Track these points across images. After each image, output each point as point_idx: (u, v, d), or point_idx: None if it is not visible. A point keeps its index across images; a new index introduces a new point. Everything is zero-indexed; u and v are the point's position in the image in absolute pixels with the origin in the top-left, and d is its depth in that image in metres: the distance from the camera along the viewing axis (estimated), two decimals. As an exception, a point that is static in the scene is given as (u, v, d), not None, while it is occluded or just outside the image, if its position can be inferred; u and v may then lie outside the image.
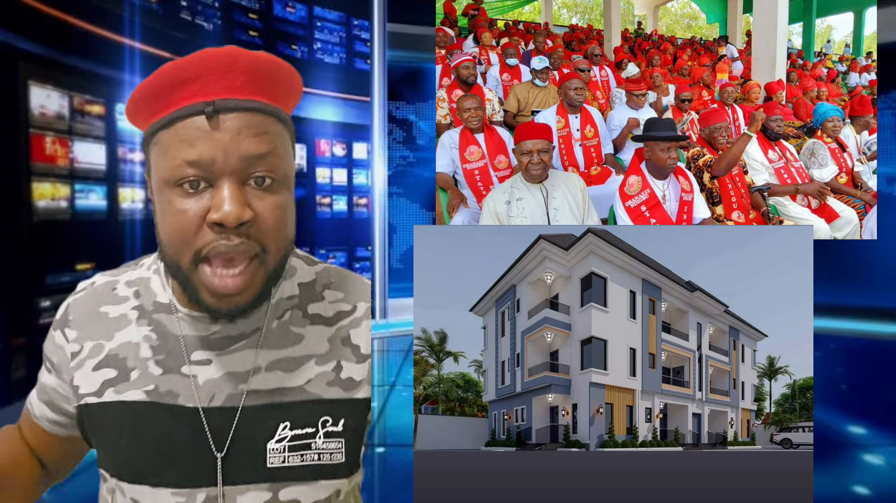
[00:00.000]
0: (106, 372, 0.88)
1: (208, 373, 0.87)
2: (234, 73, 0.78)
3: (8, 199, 3.65)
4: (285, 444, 0.86)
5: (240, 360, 0.88)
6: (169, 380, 0.87)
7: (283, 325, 0.91)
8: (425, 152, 8.72)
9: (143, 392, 0.86)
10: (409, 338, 6.97)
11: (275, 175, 0.79)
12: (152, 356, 0.88)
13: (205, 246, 0.77)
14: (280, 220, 0.80)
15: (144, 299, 0.91)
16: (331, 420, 0.89)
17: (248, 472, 0.85)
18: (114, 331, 0.90)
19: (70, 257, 4.10)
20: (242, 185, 0.77)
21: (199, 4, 5.60)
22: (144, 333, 0.89)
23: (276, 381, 0.88)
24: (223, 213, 0.74)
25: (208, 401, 0.86)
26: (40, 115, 3.84)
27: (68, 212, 4.07)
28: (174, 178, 0.76)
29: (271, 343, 0.89)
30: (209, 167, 0.75)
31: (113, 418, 0.86)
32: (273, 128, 0.80)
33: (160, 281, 0.92)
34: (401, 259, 8.62)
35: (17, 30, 3.70)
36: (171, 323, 0.89)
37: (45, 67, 3.88)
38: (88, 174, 4.24)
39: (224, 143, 0.76)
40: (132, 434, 0.85)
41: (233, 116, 0.77)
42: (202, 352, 0.88)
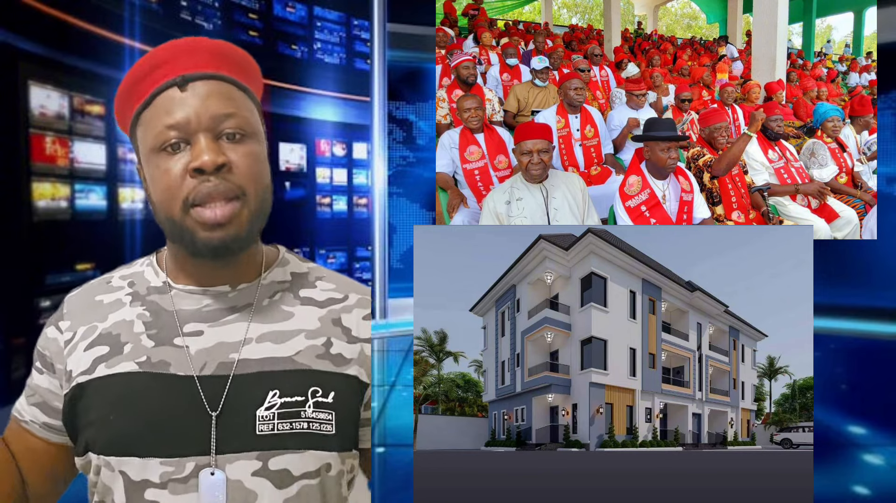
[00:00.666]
0: (98, 349, 0.91)
1: (200, 343, 0.91)
2: (199, 53, 0.89)
3: (8, 199, 3.65)
4: (275, 412, 0.88)
5: (231, 332, 0.92)
6: (161, 351, 0.90)
7: (275, 304, 0.96)
8: (425, 152, 8.71)
9: (134, 363, 0.89)
10: (409, 338, 6.97)
11: (244, 130, 0.89)
12: (145, 331, 0.92)
13: (190, 192, 0.85)
14: (252, 166, 0.89)
15: (138, 287, 0.97)
16: (321, 391, 0.92)
17: (238, 440, 0.87)
18: (107, 313, 0.94)
19: (70, 257, 4.10)
20: (216, 140, 0.87)
21: (199, 4, 5.60)
22: (138, 312, 0.94)
23: (266, 352, 0.91)
24: (201, 160, 0.84)
25: (200, 369, 0.89)
26: (40, 115, 3.84)
27: (68, 212, 4.07)
28: (158, 143, 0.86)
29: (262, 317, 0.94)
30: (185, 127, 0.85)
31: (105, 393, 0.89)
32: (237, 94, 0.91)
33: (153, 270, 0.98)
34: (401, 259, 8.61)
35: (17, 30, 3.69)
36: (165, 300, 0.94)
37: (45, 67, 3.88)
38: (88, 174, 4.24)
39: (195, 106, 0.86)
40: (123, 405, 0.88)
41: (200, 84, 0.88)
42: (195, 324, 0.92)
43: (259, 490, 0.87)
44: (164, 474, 0.86)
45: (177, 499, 0.86)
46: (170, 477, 0.86)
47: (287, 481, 0.89)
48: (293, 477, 0.89)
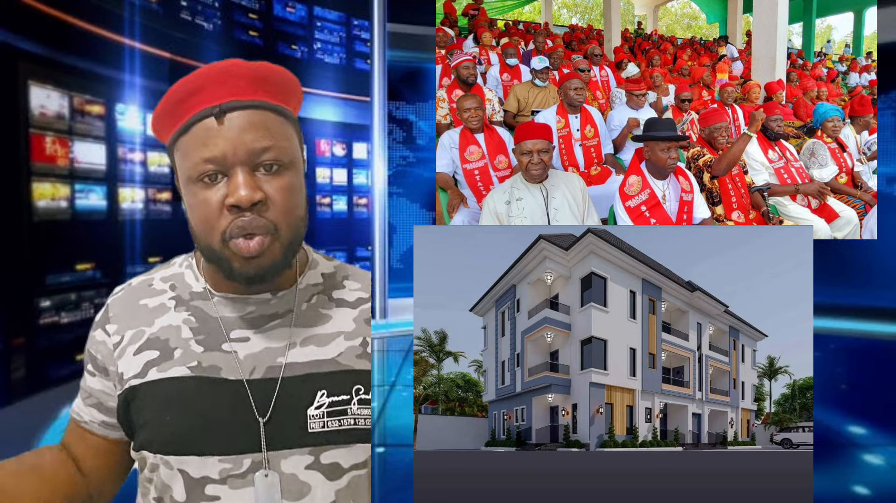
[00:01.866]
0: (148, 354, 0.95)
1: (248, 348, 0.96)
2: (235, 79, 0.90)
3: (8, 199, 3.65)
4: (324, 411, 0.95)
5: (276, 337, 0.97)
6: (211, 356, 0.95)
7: (313, 307, 1.02)
8: (425, 152, 8.71)
9: (186, 368, 0.94)
10: (409, 338, 6.97)
11: (281, 161, 0.90)
12: (193, 336, 0.96)
13: (227, 226, 0.88)
14: (288, 199, 0.91)
15: (181, 290, 1.00)
16: (363, 388, 0.99)
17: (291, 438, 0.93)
18: (154, 318, 0.97)
19: (70, 257, 4.10)
20: (253, 172, 0.88)
21: (199, 4, 5.60)
22: (184, 317, 0.97)
23: (311, 355, 0.98)
24: (237, 196, 0.86)
25: (249, 373, 0.94)
26: (40, 115, 3.84)
27: (68, 212, 4.07)
28: (195, 174, 0.88)
29: (303, 322, 1.00)
30: (222, 161, 0.87)
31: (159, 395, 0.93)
32: (274, 122, 0.91)
33: (193, 274, 1.01)
34: (401, 259, 8.61)
35: (17, 30, 3.69)
36: (209, 307, 0.98)
37: (45, 67, 3.88)
38: (88, 174, 4.24)
39: (232, 139, 0.87)
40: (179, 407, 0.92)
41: (237, 115, 0.88)
42: (240, 330, 0.97)
43: (312, 482, 0.94)
44: (223, 470, 0.91)
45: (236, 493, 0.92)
46: (228, 473, 0.91)
47: (338, 473, 0.96)
48: (343, 469, 0.96)
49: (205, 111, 0.88)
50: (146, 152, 4.87)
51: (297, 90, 0.99)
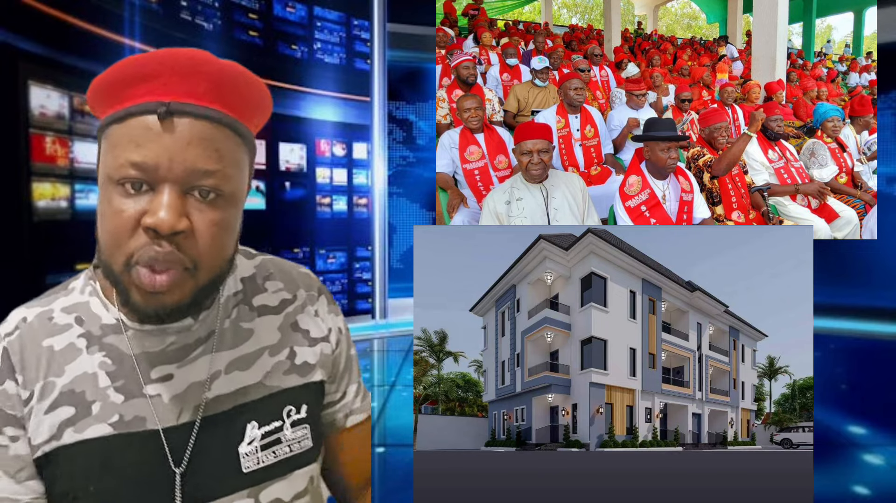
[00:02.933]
0: (62, 411, 0.78)
1: (173, 388, 0.82)
2: (197, 78, 0.74)
3: (8, 199, 3.65)
4: (256, 445, 0.84)
5: (199, 369, 0.83)
6: (133, 405, 0.80)
7: (234, 323, 0.88)
8: (425, 152, 8.71)
9: (107, 425, 0.78)
10: (409, 338, 6.97)
11: (221, 191, 0.75)
12: (111, 384, 0.80)
13: (136, 250, 0.72)
14: (216, 237, 0.75)
15: (89, 324, 0.82)
16: (294, 408, 0.88)
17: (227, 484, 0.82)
18: (63, 365, 0.80)
19: (70, 257, 4.10)
20: (185, 194, 0.73)
21: (199, 4, 5.60)
22: (99, 360, 0.80)
23: (236, 382, 0.85)
24: (157, 219, 0.71)
25: (177, 418, 0.81)
26: (40, 115, 3.84)
27: (68, 212, 4.07)
28: (117, 176, 0.72)
29: (226, 344, 0.86)
30: (152, 171, 0.71)
31: (79, 460, 0.78)
32: (227, 143, 0.76)
33: (99, 301, 0.84)
34: (401, 259, 8.62)
35: (17, 30, 3.69)
36: (123, 343, 0.82)
37: (45, 67, 3.88)
38: (88, 174, 4.24)
39: (171, 150, 0.71)
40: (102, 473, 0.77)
41: (186, 122, 0.72)
42: (162, 366, 0.82)
43: None
44: None
45: None
46: None
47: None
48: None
49: (149, 105, 0.72)
50: (146, 152, 4.87)
51: (267, 106, 0.84)
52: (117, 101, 0.75)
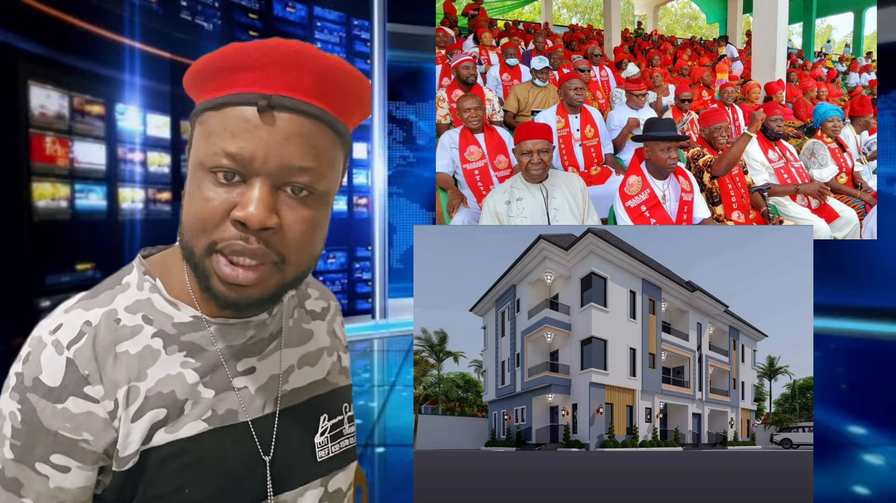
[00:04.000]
0: (151, 415, 0.75)
1: (257, 380, 0.83)
2: (301, 72, 0.72)
3: (8, 199, 3.65)
4: (328, 436, 0.89)
5: (275, 362, 0.86)
6: (224, 399, 0.79)
7: (297, 323, 0.92)
8: (425, 152, 8.72)
9: (201, 421, 0.77)
10: (409, 338, 6.97)
11: (314, 189, 0.74)
12: (199, 380, 0.78)
13: (221, 240, 0.71)
14: (306, 234, 0.74)
15: (160, 324, 0.79)
16: (348, 405, 0.94)
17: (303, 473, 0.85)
18: (144, 369, 0.76)
19: (70, 257, 4.10)
20: (277, 189, 0.72)
21: (199, 4, 5.60)
22: (181, 359, 0.78)
23: (308, 376, 0.90)
24: (248, 213, 0.69)
25: (261, 409, 0.83)
26: (40, 115, 3.84)
27: (68, 212, 4.07)
28: (210, 164, 0.71)
29: (293, 341, 0.90)
30: (247, 163, 0.70)
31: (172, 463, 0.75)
32: (325, 140, 0.74)
33: (164, 301, 0.80)
34: (401, 259, 8.62)
35: (17, 30, 3.70)
36: (205, 339, 0.80)
37: (45, 67, 3.88)
38: (88, 174, 4.24)
39: (268, 143, 0.70)
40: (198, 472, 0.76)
41: (286, 117, 0.71)
42: (246, 359, 0.83)
43: None
44: None
45: None
46: None
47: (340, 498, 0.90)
48: (343, 493, 0.91)
49: (250, 96, 0.71)
50: (146, 152, 4.88)
51: (367, 104, 0.82)
52: (216, 88, 0.73)
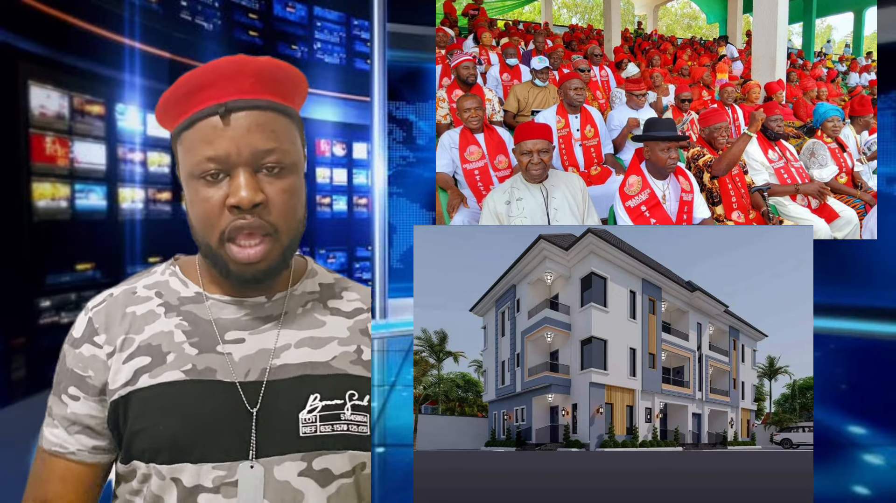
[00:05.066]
0: (139, 360, 0.92)
1: (243, 349, 0.95)
2: (242, 76, 0.90)
3: (8, 199, 3.65)
4: (316, 415, 0.94)
5: (271, 338, 0.96)
6: (205, 358, 0.93)
7: (307, 312, 1.01)
8: (425, 152, 8.71)
9: (180, 372, 0.92)
10: (409, 338, 6.97)
11: (283, 163, 0.91)
12: (186, 339, 0.94)
13: (226, 226, 0.89)
14: (288, 202, 0.92)
15: (168, 297, 0.98)
16: (357, 394, 0.98)
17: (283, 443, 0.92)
18: (143, 325, 0.95)
19: (70, 257, 4.09)
20: (255, 173, 0.89)
21: (199, 4, 5.60)
22: (175, 322, 0.95)
23: (305, 356, 0.97)
24: (239, 197, 0.87)
25: (244, 375, 0.93)
26: (40, 115, 3.84)
27: (68, 212, 4.07)
28: (197, 171, 0.89)
29: (297, 325, 0.99)
30: (225, 160, 0.88)
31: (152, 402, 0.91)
32: (279, 123, 0.92)
33: (178, 280, 1.00)
34: (401, 259, 8.61)
35: (17, 30, 3.69)
36: (202, 310, 0.96)
37: (45, 67, 3.88)
38: (88, 174, 4.24)
39: (236, 139, 0.88)
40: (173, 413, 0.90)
41: (243, 115, 0.89)
42: (236, 331, 0.96)
43: (305, 489, 0.92)
44: (216, 478, 0.90)
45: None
46: (222, 481, 0.90)
47: (329, 479, 0.94)
48: (333, 475, 0.95)
49: (210, 109, 0.88)
50: (146, 152, 4.87)
51: (303, 88, 1.00)
52: (182, 112, 0.91)
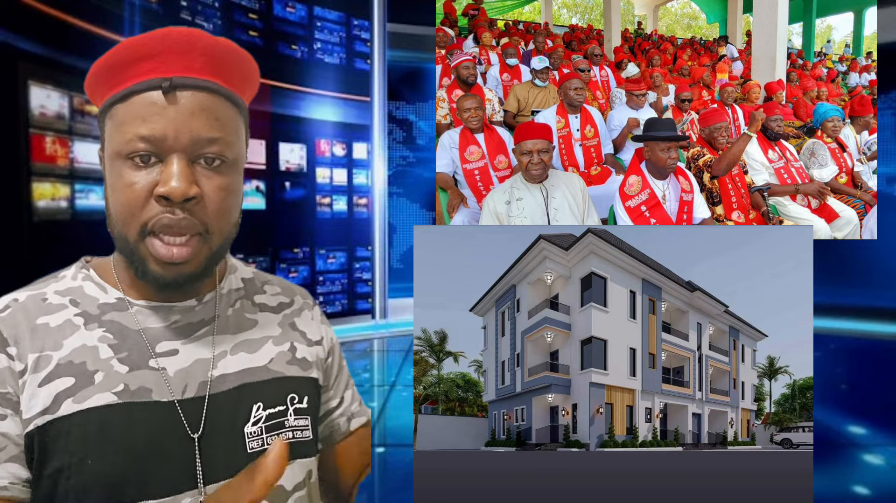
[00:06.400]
0: (59, 383, 0.76)
1: (177, 362, 0.82)
2: (193, 54, 0.78)
3: (8, 199, 3.65)
4: (261, 426, 0.85)
5: (205, 347, 0.85)
6: (138, 376, 0.79)
7: (237, 313, 0.91)
8: (425, 152, 8.72)
9: (111, 394, 0.77)
10: (409, 338, 6.97)
11: (225, 157, 0.79)
12: (114, 355, 0.79)
13: (151, 219, 0.77)
14: (224, 201, 0.80)
15: (85, 305, 0.83)
16: (297, 397, 0.90)
17: (231, 464, 0.80)
18: (60, 339, 0.79)
19: (70, 257, 4.08)
20: (192, 162, 0.77)
21: (199, 4, 5.60)
22: (98, 335, 0.80)
23: (243, 363, 0.87)
24: (170, 187, 0.75)
25: (182, 392, 0.81)
26: (40, 115, 3.84)
27: (68, 212, 4.07)
28: (126, 151, 0.76)
29: (230, 328, 0.89)
30: (160, 143, 0.76)
31: (77, 432, 0.75)
32: (226, 112, 0.80)
33: (94, 285, 0.85)
34: (401, 259, 8.62)
35: (17, 30, 3.70)
36: (127, 318, 0.83)
37: (45, 67, 3.88)
38: (88, 174, 4.24)
39: (177, 121, 0.76)
40: (103, 444, 0.75)
41: (188, 94, 0.77)
42: (167, 342, 0.83)
43: None
44: None
45: None
46: None
47: (282, 497, 0.85)
48: (287, 492, 0.86)
49: (152, 82, 0.76)
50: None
51: (256, 79, 0.88)
52: (118, 83, 0.78)
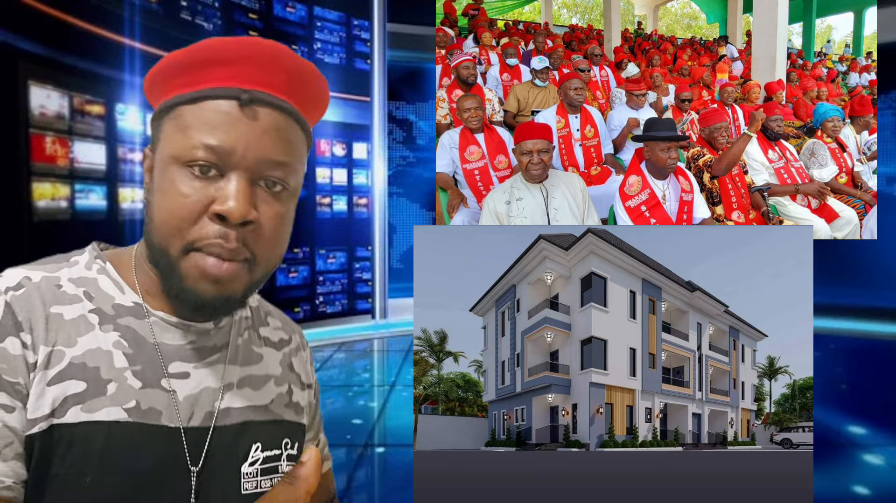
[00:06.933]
0: (70, 385, 0.70)
1: (187, 387, 0.77)
2: (275, 69, 0.74)
3: (8, 199, 3.65)
4: (258, 468, 0.81)
5: (215, 375, 0.80)
6: (150, 395, 0.74)
7: (246, 344, 0.86)
8: (425, 152, 8.72)
9: (121, 410, 0.71)
10: (409, 338, 6.97)
11: (287, 183, 0.75)
12: (129, 366, 0.73)
13: (200, 239, 0.70)
14: (278, 230, 0.75)
15: (100, 301, 0.76)
16: (290, 442, 0.86)
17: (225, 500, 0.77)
18: (75, 336, 0.72)
19: (70, 257, 4.10)
20: (253, 184, 0.72)
21: (199, 4, 5.60)
22: (114, 339, 0.74)
23: (247, 399, 0.82)
24: (229, 206, 0.69)
25: (188, 419, 0.76)
26: (40, 115, 3.84)
27: (68, 212, 4.07)
28: (186, 157, 0.71)
29: (239, 359, 0.84)
30: (226, 156, 0.70)
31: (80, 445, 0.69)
32: (297, 136, 0.77)
33: (109, 281, 0.78)
34: (401, 259, 8.62)
35: (17, 30, 3.70)
36: (144, 328, 0.76)
37: (45, 67, 3.88)
38: (88, 174, 4.24)
39: (248, 136, 0.71)
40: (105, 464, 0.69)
41: (266, 112, 0.73)
42: (181, 363, 0.78)
43: None
44: None
45: None
46: None
47: None
48: None
49: (230, 90, 0.71)
50: (146, 152, 4.88)
51: (325, 107, 0.84)
52: (190, 83, 0.73)
